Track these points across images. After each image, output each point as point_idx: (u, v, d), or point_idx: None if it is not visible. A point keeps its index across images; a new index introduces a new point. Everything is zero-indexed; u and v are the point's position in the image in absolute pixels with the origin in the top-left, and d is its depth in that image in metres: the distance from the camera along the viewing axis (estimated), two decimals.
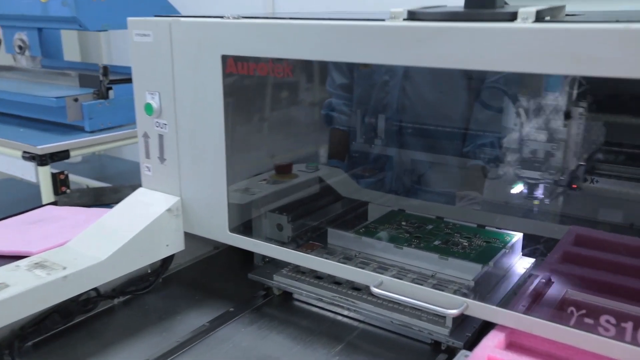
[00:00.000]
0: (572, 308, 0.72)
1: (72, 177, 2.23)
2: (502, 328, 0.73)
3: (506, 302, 0.83)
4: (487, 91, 1.27)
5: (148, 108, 0.96)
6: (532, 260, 1.01)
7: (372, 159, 1.41)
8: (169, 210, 0.96)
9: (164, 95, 0.94)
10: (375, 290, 0.77)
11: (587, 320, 0.70)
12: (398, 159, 1.37)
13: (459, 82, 1.29)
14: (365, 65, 1.47)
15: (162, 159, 0.98)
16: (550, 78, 0.99)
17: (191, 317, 0.94)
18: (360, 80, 1.47)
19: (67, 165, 1.83)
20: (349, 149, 1.44)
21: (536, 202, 1.07)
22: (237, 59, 0.88)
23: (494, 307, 0.74)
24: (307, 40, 0.78)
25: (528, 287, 0.79)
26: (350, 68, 1.51)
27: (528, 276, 0.93)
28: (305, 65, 1.23)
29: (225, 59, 0.87)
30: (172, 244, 0.98)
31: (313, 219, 1.19)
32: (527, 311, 0.74)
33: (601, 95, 1.01)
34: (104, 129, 1.78)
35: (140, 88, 0.97)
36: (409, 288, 0.78)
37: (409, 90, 1.39)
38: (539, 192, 1.05)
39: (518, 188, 1.09)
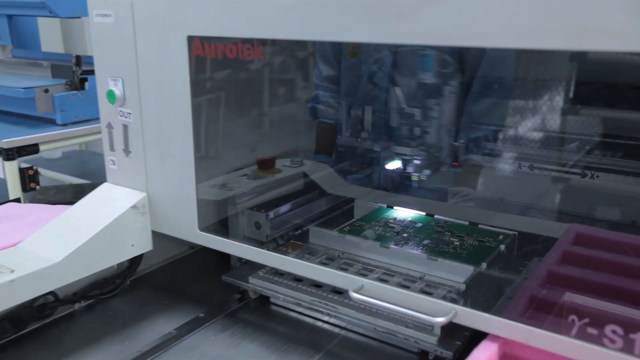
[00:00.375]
0: (573, 316, 0.64)
1: (51, 174, 2.15)
2: (495, 338, 0.66)
3: (499, 309, 0.76)
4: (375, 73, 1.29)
5: (110, 95, 0.88)
6: (528, 260, 0.94)
7: (359, 154, 1.34)
8: (134, 207, 0.89)
9: (127, 81, 0.87)
10: (354, 295, 0.69)
11: (591, 330, 0.62)
12: (385, 153, 1.29)
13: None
14: (353, 55, 1.40)
15: (127, 151, 0.90)
16: (424, 58, 1.05)
17: (158, 324, 0.86)
18: (347, 72, 1.40)
19: (45, 161, 1.75)
20: (335, 143, 1.37)
21: (415, 178, 1.13)
22: (205, 40, 0.80)
23: (486, 314, 0.67)
24: (279, 17, 0.71)
25: (524, 292, 0.71)
26: (337, 59, 1.43)
27: (524, 278, 0.85)
28: (283, 48, 1.16)
29: (191, 40, 0.79)
30: (138, 244, 0.90)
31: (295, 216, 1.11)
32: (523, 319, 0.66)
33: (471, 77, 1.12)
34: (78, 121, 1.69)
35: (102, 74, 0.89)
36: (393, 293, 0.70)
37: (398, 81, 1.32)
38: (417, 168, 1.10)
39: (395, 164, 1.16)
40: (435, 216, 1.08)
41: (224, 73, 1.00)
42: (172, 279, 1.02)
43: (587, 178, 1.00)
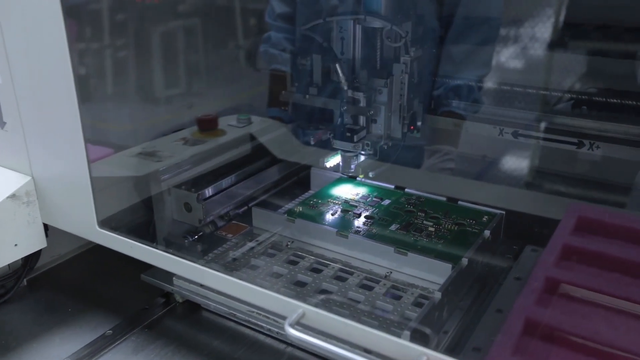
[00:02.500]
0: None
1: None
2: None
3: (485, 335, 0.59)
4: None
5: None
6: (519, 249, 0.77)
7: (319, 109, 1.12)
8: (13, 196, 0.68)
9: None
10: (291, 331, 0.51)
11: None
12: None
13: None
14: None
15: (0, 121, 0.68)
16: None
17: (52, 346, 0.68)
18: (303, 7, 1.16)
19: None
20: (292, 96, 1.15)
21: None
22: None
23: None
24: None
25: (517, 314, 0.54)
26: None
27: (515, 279, 0.68)
28: None
29: None
30: (24, 243, 0.70)
31: (239, 191, 0.91)
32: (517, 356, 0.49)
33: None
34: None
35: None
36: (342, 326, 0.52)
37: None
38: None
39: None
40: (407, 190, 0.90)
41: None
42: (83, 276, 0.83)
43: (584, 149, 0.81)
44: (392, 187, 0.91)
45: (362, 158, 0.89)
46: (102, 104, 0.91)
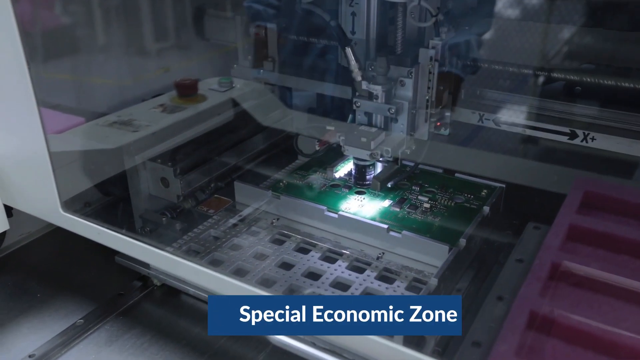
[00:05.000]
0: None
1: None
2: None
3: (486, 327, 0.54)
4: None
5: None
6: (520, 226, 0.72)
7: (309, 67, 1.04)
8: None
9: None
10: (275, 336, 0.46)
11: None
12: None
13: None
14: None
15: None
16: None
17: (18, 337, 0.63)
18: None
19: None
20: (280, 54, 1.06)
21: None
22: None
23: None
24: None
25: (521, 306, 0.49)
26: None
27: (517, 261, 0.63)
28: None
29: None
30: None
31: (221, 162, 0.85)
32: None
33: None
34: None
35: None
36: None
37: None
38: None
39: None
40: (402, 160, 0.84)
41: None
42: (53, 257, 0.77)
43: (578, 140, 0.73)
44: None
45: (380, 167, 0.76)
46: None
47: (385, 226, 0.67)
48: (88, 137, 0.79)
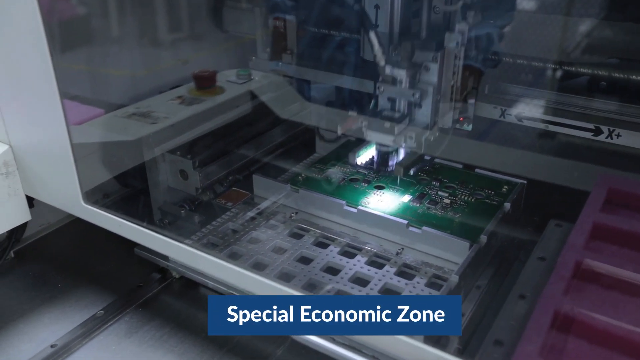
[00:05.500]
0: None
1: None
2: None
3: (508, 326, 0.54)
4: None
5: None
6: (542, 224, 0.71)
7: (327, 60, 1.03)
8: None
9: None
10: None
11: None
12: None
13: None
14: None
15: None
16: None
17: (40, 327, 0.64)
18: None
19: None
20: (299, 46, 1.05)
21: None
22: None
23: None
24: None
25: (544, 306, 0.49)
26: None
27: (539, 259, 0.63)
28: None
29: None
30: (5, 217, 0.65)
31: (239, 155, 0.85)
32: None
33: None
34: None
35: None
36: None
37: None
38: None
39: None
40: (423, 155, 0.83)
41: None
42: (73, 247, 0.78)
43: (603, 136, 0.72)
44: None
45: (403, 153, 0.74)
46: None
47: (405, 221, 0.67)
48: (108, 128, 0.80)
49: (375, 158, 0.75)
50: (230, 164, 0.83)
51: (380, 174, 0.76)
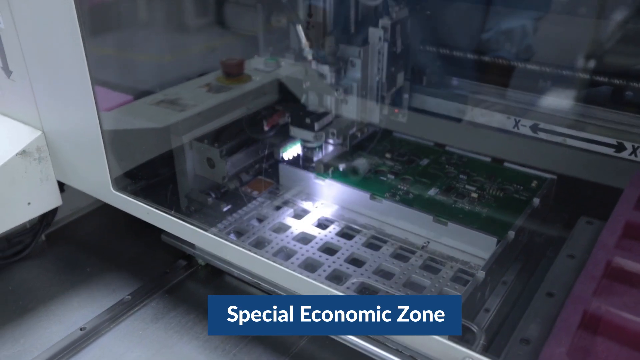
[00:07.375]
0: None
1: None
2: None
3: (535, 324, 0.53)
4: None
5: None
6: (572, 221, 0.70)
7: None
8: (23, 152, 0.63)
9: None
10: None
11: None
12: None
13: None
14: None
15: (7, 70, 0.62)
16: None
17: (69, 310, 0.65)
18: None
19: None
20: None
21: None
22: None
23: None
24: None
25: (573, 305, 0.48)
26: None
27: (568, 257, 0.62)
28: None
29: None
30: (37, 202, 0.66)
31: (264, 143, 0.85)
32: None
33: None
34: None
35: None
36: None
37: None
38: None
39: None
40: (447, 148, 0.82)
41: None
42: (102, 231, 0.79)
43: (626, 153, 0.68)
44: (431, 144, 0.83)
45: (331, 149, 0.74)
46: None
47: (431, 215, 0.66)
48: (136, 115, 0.80)
49: (300, 154, 0.75)
50: (257, 152, 0.83)
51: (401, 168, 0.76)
